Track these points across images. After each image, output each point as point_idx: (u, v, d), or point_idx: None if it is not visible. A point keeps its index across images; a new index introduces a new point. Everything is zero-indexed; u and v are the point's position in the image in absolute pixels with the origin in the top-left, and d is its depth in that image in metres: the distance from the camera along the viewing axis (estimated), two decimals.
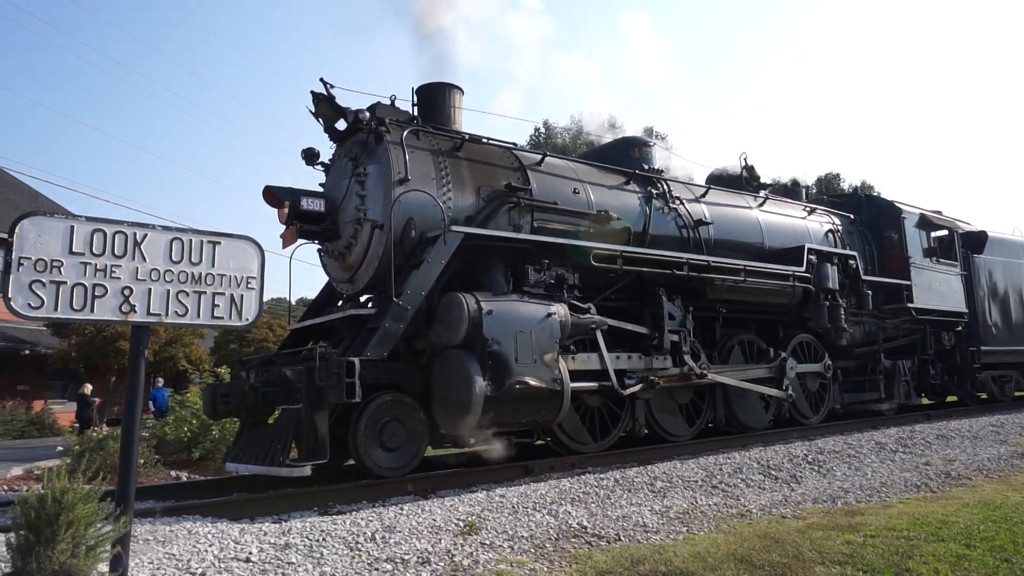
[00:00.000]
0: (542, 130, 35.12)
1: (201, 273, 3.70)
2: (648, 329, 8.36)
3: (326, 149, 8.14)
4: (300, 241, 7.56)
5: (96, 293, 3.42)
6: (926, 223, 13.13)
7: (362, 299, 7.93)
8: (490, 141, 8.39)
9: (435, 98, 8.30)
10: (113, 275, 3.46)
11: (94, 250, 3.43)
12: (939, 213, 13.85)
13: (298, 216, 7.21)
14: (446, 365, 6.54)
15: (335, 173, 7.84)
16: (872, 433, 9.73)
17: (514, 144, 8.65)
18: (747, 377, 9.30)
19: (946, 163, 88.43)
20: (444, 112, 8.27)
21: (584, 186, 8.63)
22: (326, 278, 8.39)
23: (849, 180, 42.14)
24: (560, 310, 7.04)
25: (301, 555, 4.17)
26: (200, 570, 3.84)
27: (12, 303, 3.23)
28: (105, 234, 3.47)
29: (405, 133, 7.39)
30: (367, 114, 7.31)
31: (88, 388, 17.21)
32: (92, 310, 3.41)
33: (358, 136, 7.56)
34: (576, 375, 7.30)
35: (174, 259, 3.63)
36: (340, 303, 8.21)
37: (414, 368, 6.84)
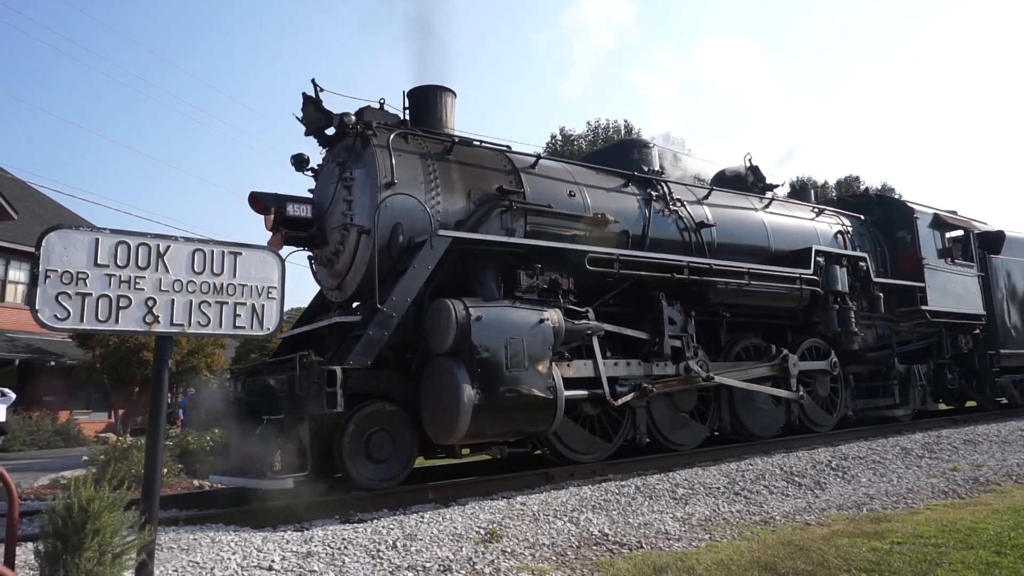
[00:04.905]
0: (558, 137, 34.95)
1: (223, 283, 3.75)
2: (648, 334, 8.14)
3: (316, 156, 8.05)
4: (290, 248, 7.45)
5: (120, 304, 3.47)
6: (940, 223, 12.77)
7: (354, 306, 7.79)
8: (483, 144, 8.22)
9: (426, 101, 8.16)
10: (137, 286, 3.52)
11: (118, 262, 3.49)
12: (954, 213, 13.47)
13: (284, 223, 7.10)
14: (434, 373, 6.38)
15: (323, 178, 7.73)
16: (897, 438, 9.46)
17: (508, 147, 8.48)
18: (749, 376, 9.00)
19: (967, 163, 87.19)
20: (436, 115, 8.12)
21: (580, 189, 8.43)
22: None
23: (869, 182, 41.61)
24: (553, 316, 6.84)
25: (323, 563, 4.21)
26: None
27: (39, 315, 3.30)
28: (129, 246, 3.52)
29: (392, 136, 7.25)
30: (352, 117, 7.18)
31: None
32: (117, 321, 3.47)
33: (346, 140, 7.45)
34: (572, 383, 7.10)
35: (196, 270, 3.68)
36: (332, 311, 8.07)
37: (403, 376, 6.68)
